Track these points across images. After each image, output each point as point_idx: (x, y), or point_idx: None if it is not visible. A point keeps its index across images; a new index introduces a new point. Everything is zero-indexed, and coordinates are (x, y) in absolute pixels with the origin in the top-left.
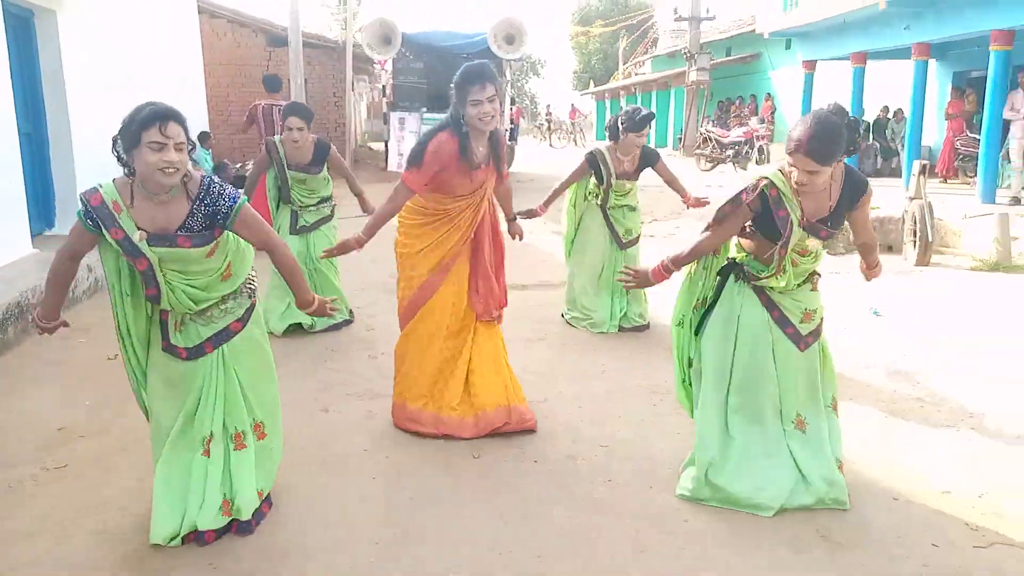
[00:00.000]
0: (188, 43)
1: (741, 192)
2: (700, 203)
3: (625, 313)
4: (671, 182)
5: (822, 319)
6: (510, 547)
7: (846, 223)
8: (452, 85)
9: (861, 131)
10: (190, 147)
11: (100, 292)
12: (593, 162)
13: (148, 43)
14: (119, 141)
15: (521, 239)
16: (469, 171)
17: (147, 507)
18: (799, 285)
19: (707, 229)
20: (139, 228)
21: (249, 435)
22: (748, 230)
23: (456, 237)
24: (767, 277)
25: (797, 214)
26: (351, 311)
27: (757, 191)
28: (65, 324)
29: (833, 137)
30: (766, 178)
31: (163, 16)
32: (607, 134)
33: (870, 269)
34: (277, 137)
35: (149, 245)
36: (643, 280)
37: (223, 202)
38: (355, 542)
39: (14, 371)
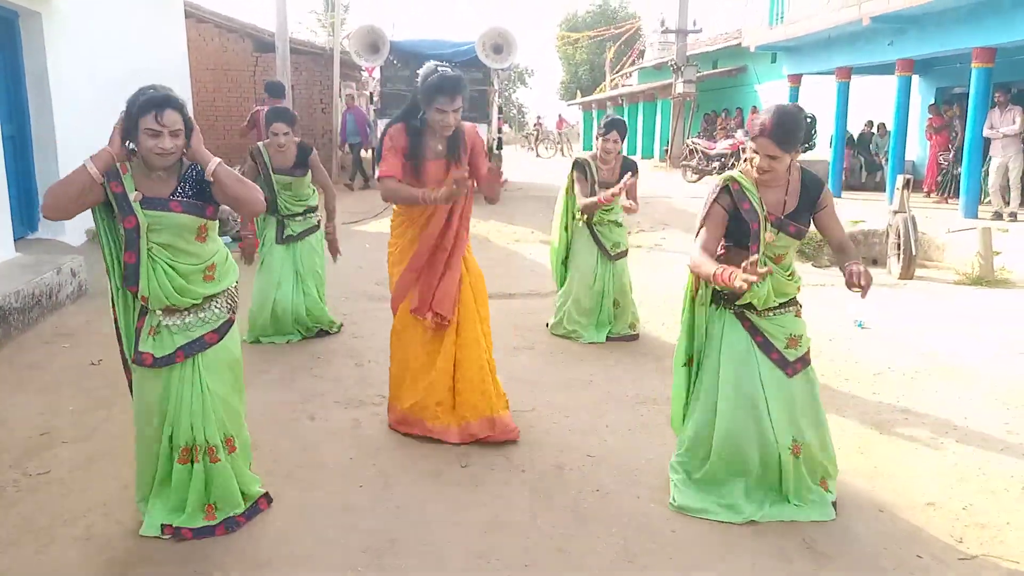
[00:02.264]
0: (174, 47)
1: (707, 195)
2: (632, 207)
3: (613, 324)
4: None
5: (808, 348)
6: (497, 556)
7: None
8: (420, 82)
9: (816, 129)
10: (189, 128)
11: (84, 297)
12: (581, 168)
13: (134, 47)
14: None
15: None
16: (418, 164)
17: (132, 513)
18: (781, 307)
19: (696, 239)
20: (136, 190)
21: (221, 450)
22: (722, 250)
23: (422, 235)
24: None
25: (762, 208)
26: (331, 321)
27: (721, 187)
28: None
29: (794, 123)
30: (727, 175)
31: (149, 20)
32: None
33: (852, 276)
34: (261, 144)
35: (142, 207)
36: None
37: None
38: (342, 550)
39: None
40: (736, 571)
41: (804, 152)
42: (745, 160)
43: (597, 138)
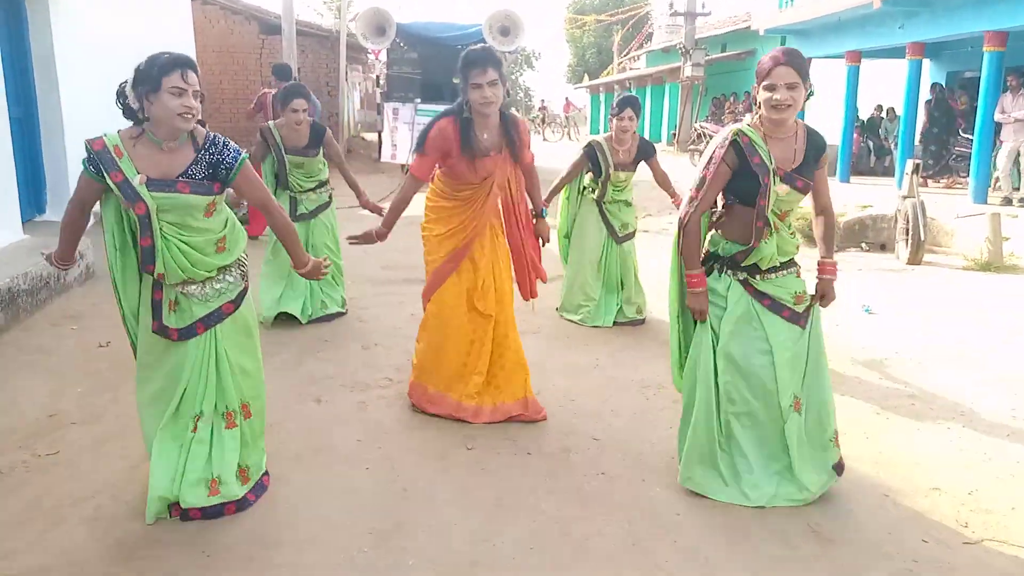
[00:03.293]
0: (180, 30)
1: (713, 151)
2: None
3: (620, 308)
4: (663, 181)
5: (810, 301)
6: (503, 538)
7: None
8: (458, 69)
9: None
10: (201, 97)
11: (91, 280)
12: (592, 154)
13: (140, 29)
14: (129, 90)
15: (546, 242)
16: (473, 158)
17: (140, 493)
18: (783, 268)
19: (691, 201)
20: (139, 173)
21: (238, 415)
22: (722, 210)
23: (465, 226)
24: (752, 246)
25: (771, 161)
26: (344, 301)
27: (728, 142)
28: (75, 262)
29: (798, 52)
30: (736, 128)
31: (155, 2)
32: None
33: (821, 293)
34: (271, 123)
35: (148, 190)
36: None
37: (227, 153)
38: (348, 532)
39: (4, 358)
40: (740, 556)
41: (808, 99)
42: (756, 108)
43: (611, 119)
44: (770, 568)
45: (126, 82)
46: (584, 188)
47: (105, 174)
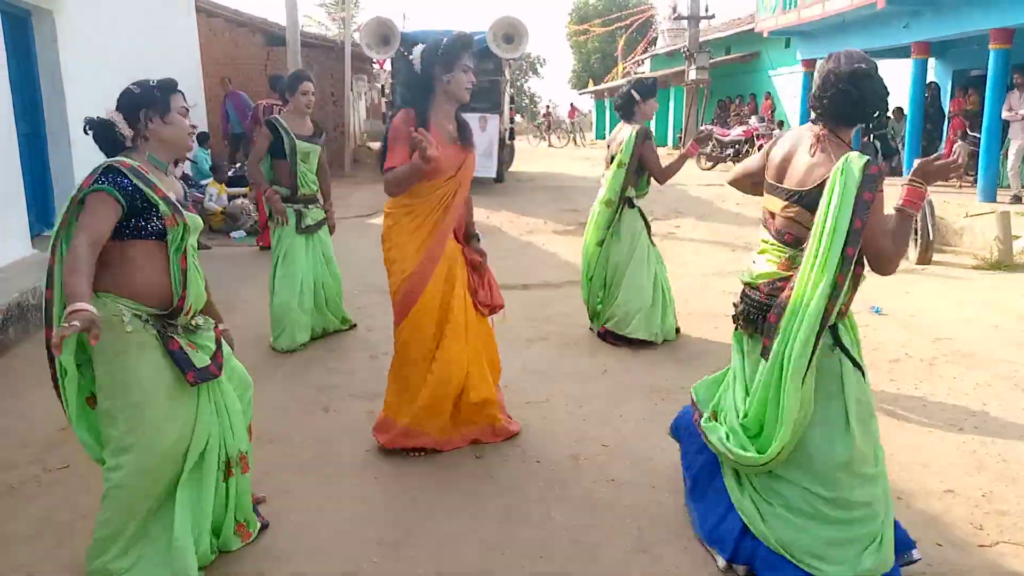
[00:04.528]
0: (186, 42)
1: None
2: (694, 145)
3: (663, 323)
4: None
5: None
6: (512, 547)
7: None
8: (438, 52)
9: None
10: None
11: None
12: (650, 135)
13: (146, 43)
14: (119, 118)
15: (482, 261)
16: (441, 145)
17: None
18: None
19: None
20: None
21: (236, 465)
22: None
23: (435, 218)
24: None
25: None
26: (344, 319)
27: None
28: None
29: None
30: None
31: (160, 15)
32: (619, 113)
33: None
34: (276, 116)
35: None
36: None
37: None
38: (357, 542)
39: (14, 372)
40: None
41: None
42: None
43: (641, 102)
44: None
45: (111, 114)
46: (638, 193)
47: (148, 189)
